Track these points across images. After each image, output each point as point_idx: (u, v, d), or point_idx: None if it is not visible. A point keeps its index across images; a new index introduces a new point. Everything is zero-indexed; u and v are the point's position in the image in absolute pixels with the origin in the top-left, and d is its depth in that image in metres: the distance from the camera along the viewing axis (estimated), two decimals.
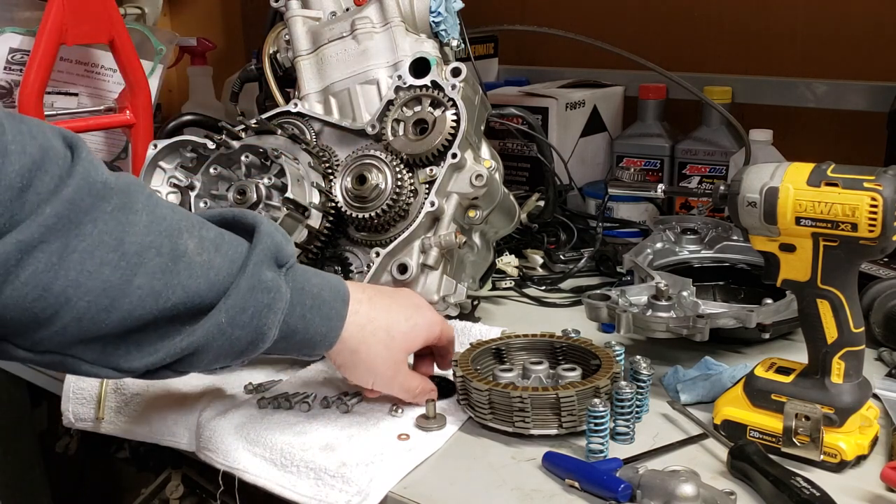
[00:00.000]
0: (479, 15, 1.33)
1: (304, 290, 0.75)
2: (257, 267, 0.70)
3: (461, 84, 0.97)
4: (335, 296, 0.79)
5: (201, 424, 0.88)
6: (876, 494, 0.74)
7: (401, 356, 0.85)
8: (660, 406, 0.90)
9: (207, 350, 0.69)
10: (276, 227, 0.75)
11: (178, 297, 0.66)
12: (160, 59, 1.47)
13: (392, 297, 0.86)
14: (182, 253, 0.67)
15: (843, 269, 0.76)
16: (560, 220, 1.39)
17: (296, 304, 0.74)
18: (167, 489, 1.27)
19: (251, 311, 0.70)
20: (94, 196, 0.63)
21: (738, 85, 1.53)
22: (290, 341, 0.76)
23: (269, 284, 0.71)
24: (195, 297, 0.67)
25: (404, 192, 0.96)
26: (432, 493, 0.77)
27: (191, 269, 0.67)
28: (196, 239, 0.69)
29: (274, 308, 0.71)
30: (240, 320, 0.69)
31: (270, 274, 0.71)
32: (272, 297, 0.71)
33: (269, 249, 0.72)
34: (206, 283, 0.68)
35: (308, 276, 0.77)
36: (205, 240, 0.69)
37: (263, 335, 0.71)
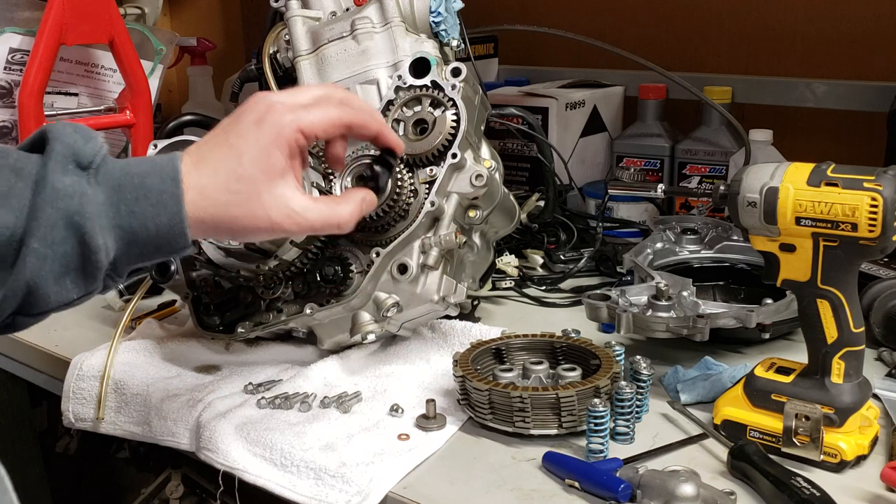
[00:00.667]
0: (479, 15, 1.33)
1: (122, 186, 0.67)
2: (51, 177, 0.64)
3: (461, 84, 0.97)
4: (162, 177, 0.68)
5: (201, 424, 0.88)
6: (876, 494, 0.74)
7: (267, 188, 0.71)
8: (660, 406, 0.90)
9: (43, 281, 0.64)
10: (73, 128, 0.67)
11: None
12: (160, 59, 1.47)
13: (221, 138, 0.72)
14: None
15: (843, 269, 0.76)
16: (560, 220, 1.39)
17: (118, 202, 0.66)
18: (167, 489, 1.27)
19: (61, 223, 0.64)
20: None
21: (738, 85, 1.53)
22: (136, 243, 0.67)
23: (69, 190, 0.64)
24: (5, 231, 0.63)
25: (404, 192, 0.96)
26: (432, 493, 0.77)
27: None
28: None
29: (85, 213, 0.64)
30: (54, 237, 0.64)
31: (69, 179, 0.65)
32: (79, 202, 0.64)
33: (62, 154, 0.65)
34: (10, 213, 0.63)
35: (129, 168, 0.68)
36: (4, 168, 0.65)
37: (92, 245, 0.64)
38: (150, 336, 1.08)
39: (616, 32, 1.62)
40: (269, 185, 0.71)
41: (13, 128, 1.36)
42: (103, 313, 1.20)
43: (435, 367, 1.00)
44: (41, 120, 1.26)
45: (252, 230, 0.72)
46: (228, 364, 1.03)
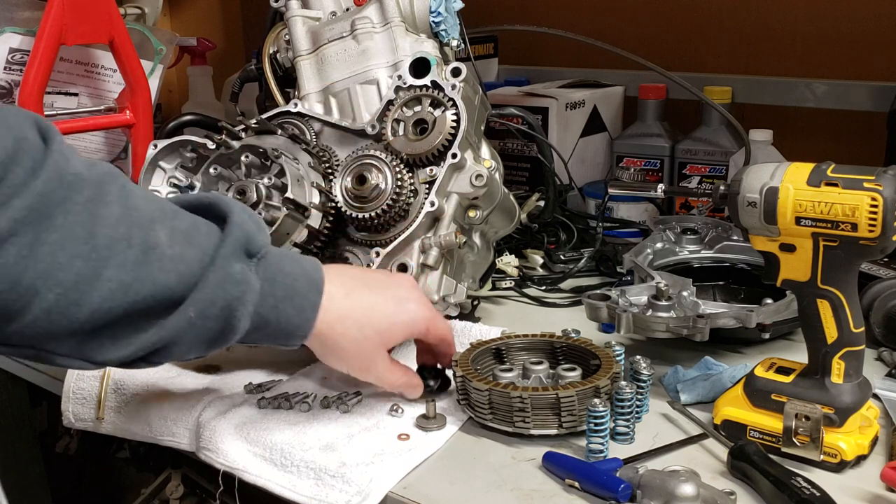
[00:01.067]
0: (479, 15, 1.33)
1: (276, 281, 0.74)
2: (226, 260, 0.69)
3: (461, 84, 0.97)
4: (309, 286, 0.77)
5: (201, 424, 0.88)
6: (876, 494, 0.74)
7: (374, 352, 0.84)
8: (660, 406, 0.90)
9: (179, 342, 0.69)
10: (249, 215, 0.74)
11: (147, 290, 0.66)
12: (160, 59, 1.47)
13: (375, 291, 0.84)
14: (153, 245, 0.66)
15: (843, 269, 0.76)
16: (560, 220, 1.39)
17: (267, 294, 0.73)
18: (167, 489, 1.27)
19: (220, 304, 0.69)
20: (66, 188, 0.63)
21: (738, 85, 1.53)
22: (263, 331, 0.75)
23: (238, 277, 0.70)
24: (165, 291, 0.67)
25: (404, 192, 0.96)
26: (432, 493, 0.77)
27: (161, 262, 0.66)
28: (168, 230, 0.68)
29: (244, 300, 0.70)
30: (209, 313, 0.69)
31: (239, 266, 0.70)
32: (241, 290, 0.70)
33: (238, 240, 0.71)
34: (176, 277, 0.67)
35: (283, 264, 0.75)
36: (176, 230, 0.69)
37: (234, 327, 0.71)
38: None
39: (616, 32, 1.62)
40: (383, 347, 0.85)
41: None
42: None
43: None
44: None
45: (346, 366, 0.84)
46: (228, 364, 1.03)
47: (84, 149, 1.44)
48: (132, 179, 1.40)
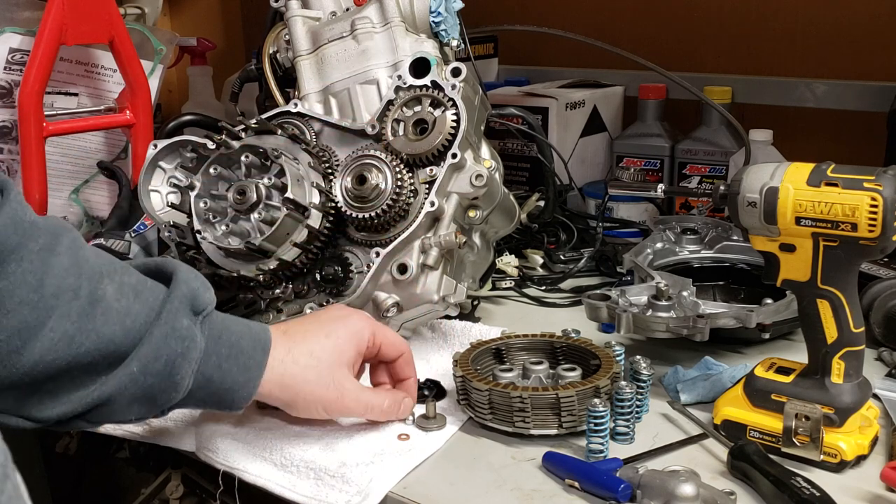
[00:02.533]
0: (479, 15, 1.33)
1: (220, 339, 0.73)
2: (172, 314, 0.69)
3: (461, 84, 0.96)
4: (255, 344, 0.76)
5: (201, 424, 0.88)
6: (876, 494, 0.74)
7: (335, 374, 0.80)
8: (660, 406, 0.90)
9: (119, 400, 0.68)
10: (195, 274, 0.74)
11: (91, 343, 0.65)
12: (160, 59, 1.47)
13: (308, 322, 0.83)
14: (100, 298, 0.66)
15: (843, 269, 0.76)
16: (560, 220, 1.39)
17: (211, 352, 0.72)
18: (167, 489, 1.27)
19: (164, 359, 0.68)
20: (21, 235, 0.63)
21: (738, 85, 1.53)
22: (206, 391, 0.73)
23: (183, 332, 0.69)
24: (110, 345, 0.66)
25: (404, 192, 0.96)
26: (432, 493, 0.77)
27: (107, 315, 0.66)
28: (116, 284, 0.68)
29: (188, 357, 0.69)
30: (152, 369, 0.68)
31: (186, 321, 0.70)
32: (186, 345, 0.69)
33: (185, 296, 0.70)
34: (121, 330, 0.67)
35: (227, 324, 0.75)
36: (125, 286, 0.69)
37: (176, 384, 0.70)
38: None
39: (616, 32, 1.62)
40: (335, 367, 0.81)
41: (13, 128, 1.36)
42: None
43: (435, 367, 1.00)
44: (41, 120, 1.26)
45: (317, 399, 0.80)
46: None
47: (84, 149, 1.44)
48: (132, 179, 1.41)
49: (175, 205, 1.03)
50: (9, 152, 1.38)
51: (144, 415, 0.71)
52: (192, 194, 0.99)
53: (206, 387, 0.72)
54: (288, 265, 0.97)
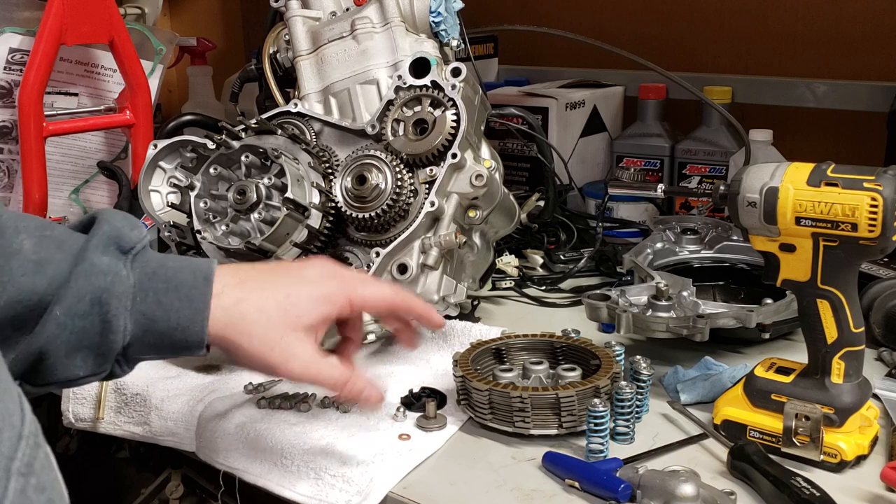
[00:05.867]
0: (479, 15, 1.33)
1: (156, 275, 0.69)
2: (90, 252, 0.67)
3: (461, 84, 0.97)
4: (195, 276, 0.70)
5: (201, 424, 0.88)
6: (876, 494, 0.74)
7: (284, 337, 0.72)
8: (660, 406, 0.90)
9: (55, 351, 0.65)
10: (122, 215, 0.71)
11: (10, 295, 0.64)
12: (160, 59, 1.47)
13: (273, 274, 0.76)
14: (15, 251, 0.65)
15: (843, 269, 0.76)
16: (560, 220, 1.39)
17: (147, 288, 0.68)
18: (167, 489, 1.27)
19: (88, 297, 0.65)
20: None
21: (738, 85, 1.53)
22: (153, 333, 0.68)
23: (104, 268, 0.66)
24: (31, 294, 0.65)
25: (404, 192, 0.96)
26: (432, 493, 0.77)
27: (24, 267, 0.65)
28: (35, 239, 0.66)
29: (114, 292, 0.66)
30: (78, 310, 0.65)
31: (107, 259, 0.67)
32: (109, 280, 0.66)
33: (106, 235, 0.68)
34: (42, 279, 0.65)
35: (165, 261, 0.71)
36: (46, 238, 0.67)
37: (111, 324, 0.66)
38: None
39: (616, 32, 1.62)
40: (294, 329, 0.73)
41: (13, 128, 1.36)
42: None
43: (435, 367, 1.00)
44: (41, 120, 1.26)
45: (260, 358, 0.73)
46: (228, 364, 1.03)
47: (84, 149, 1.44)
48: (132, 179, 1.40)
49: (175, 205, 1.03)
50: (9, 152, 1.38)
51: (94, 368, 0.68)
52: (192, 194, 0.99)
53: (150, 328, 0.68)
54: None
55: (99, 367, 0.68)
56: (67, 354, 0.66)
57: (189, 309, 0.69)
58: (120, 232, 0.69)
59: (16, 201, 1.38)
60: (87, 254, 0.67)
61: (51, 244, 0.67)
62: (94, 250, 0.67)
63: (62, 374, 0.67)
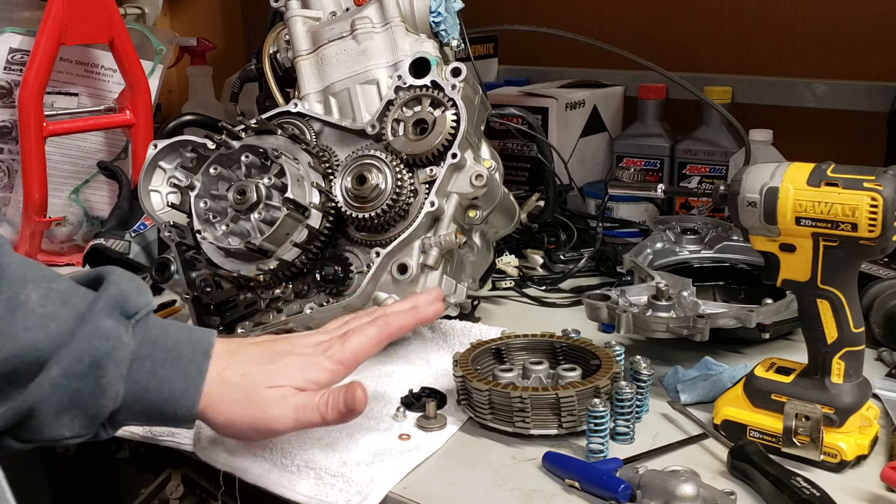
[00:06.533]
0: (479, 15, 1.33)
1: (156, 344, 0.69)
2: (96, 315, 0.66)
3: (461, 84, 0.96)
4: (194, 348, 0.71)
5: (201, 424, 0.88)
6: (876, 494, 0.74)
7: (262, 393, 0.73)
8: (660, 406, 0.90)
9: (45, 409, 0.65)
10: (130, 277, 0.71)
11: (10, 349, 0.63)
12: (160, 59, 1.47)
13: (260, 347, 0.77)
14: (21, 303, 0.64)
15: (843, 269, 0.76)
16: (560, 220, 1.39)
17: (145, 356, 0.68)
18: (167, 489, 1.27)
19: (88, 360, 0.65)
20: None
21: (738, 85, 1.53)
22: (144, 402, 0.69)
23: (107, 332, 0.66)
24: (32, 351, 0.64)
25: (404, 192, 0.96)
26: (432, 493, 0.77)
27: (28, 321, 0.64)
28: (42, 291, 0.66)
29: (113, 357, 0.66)
30: (75, 371, 0.65)
31: (111, 322, 0.67)
32: (111, 345, 0.66)
33: (113, 298, 0.68)
34: (44, 336, 0.64)
35: (166, 329, 0.71)
36: (52, 292, 0.67)
37: (104, 389, 0.66)
38: None
39: (616, 32, 1.62)
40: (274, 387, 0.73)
41: (13, 128, 1.36)
42: None
43: (435, 367, 1.00)
44: (41, 120, 1.26)
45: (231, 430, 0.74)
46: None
47: (84, 149, 1.44)
48: (132, 179, 1.41)
49: (175, 205, 1.03)
50: (9, 152, 1.38)
51: (80, 430, 0.68)
52: (192, 194, 0.99)
53: (142, 397, 0.69)
54: (288, 265, 0.97)
55: (85, 430, 0.68)
56: (57, 414, 0.66)
57: (184, 382, 0.70)
58: (127, 296, 0.69)
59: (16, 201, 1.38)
60: (93, 316, 0.66)
61: (57, 299, 0.67)
62: (99, 313, 0.67)
63: (48, 433, 0.66)
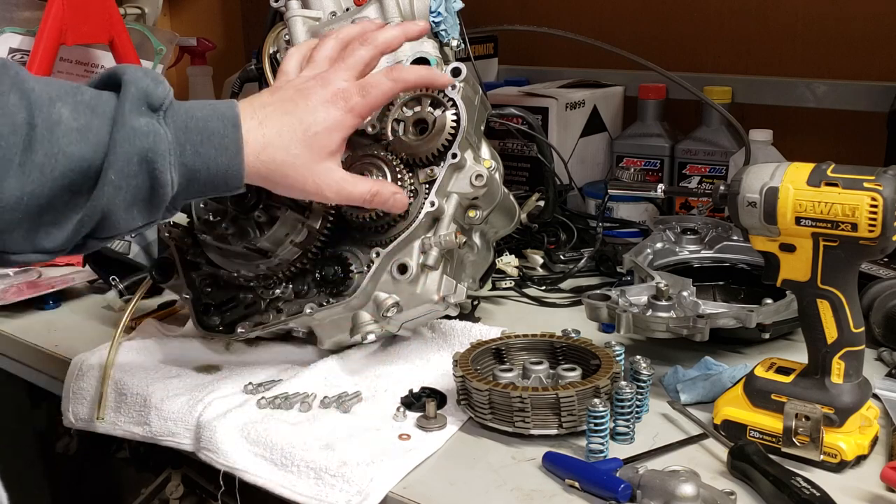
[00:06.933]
0: (479, 15, 1.33)
1: (188, 128, 0.74)
2: (127, 116, 0.70)
3: (461, 84, 0.96)
4: (225, 124, 0.76)
5: (201, 424, 0.88)
6: (876, 494, 0.74)
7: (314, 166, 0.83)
8: (660, 406, 0.90)
9: (116, 210, 0.70)
10: (144, 72, 0.74)
11: (63, 165, 0.68)
12: (160, 59, 1.47)
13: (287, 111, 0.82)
14: (56, 121, 0.68)
15: (843, 269, 0.76)
16: (560, 220, 1.39)
17: (184, 142, 0.73)
18: (167, 489, 1.27)
19: (136, 159, 0.70)
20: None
21: (738, 85, 1.53)
22: (199, 181, 0.75)
23: (144, 129, 0.70)
24: (82, 162, 0.68)
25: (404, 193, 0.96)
26: (432, 493, 0.77)
27: (69, 136, 0.68)
28: (71, 105, 0.69)
29: (158, 150, 0.71)
30: (129, 171, 0.70)
31: (144, 120, 0.71)
32: (151, 140, 0.70)
33: (135, 97, 0.71)
34: (89, 147, 0.69)
35: (193, 111, 0.75)
36: (80, 104, 0.70)
37: (161, 180, 0.71)
38: (150, 336, 1.08)
39: (616, 32, 1.62)
40: (321, 159, 0.83)
41: None
42: (103, 313, 1.20)
43: (435, 367, 1.00)
44: None
45: (298, 191, 0.83)
46: (228, 364, 1.03)
47: None
48: None
49: None
50: None
51: (149, 217, 0.74)
52: None
53: (193, 178, 0.74)
54: (288, 265, 0.97)
55: (154, 216, 0.74)
56: (126, 209, 0.71)
57: (225, 156, 0.75)
58: (147, 90, 0.72)
59: None
60: (125, 118, 0.70)
61: (85, 110, 0.70)
62: (129, 114, 0.70)
63: (124, 226, 0.72)
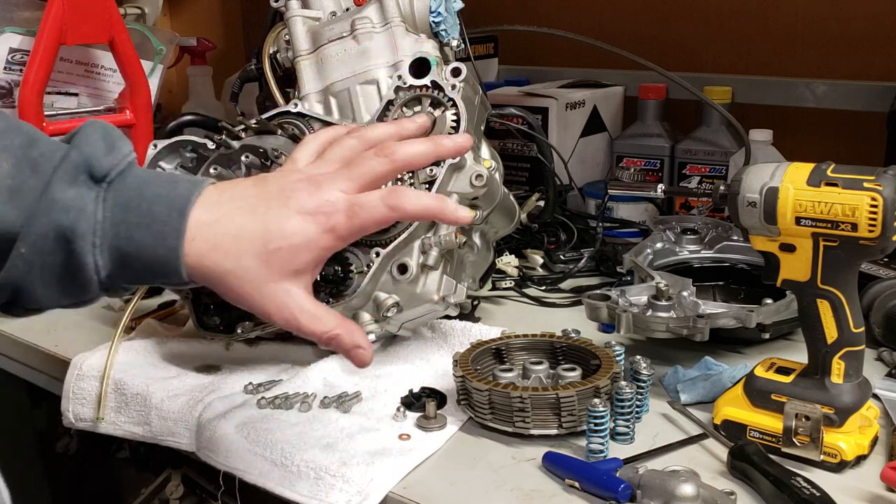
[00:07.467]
0: (479, 15, 1.33)
1: (129, 207, 0.63)
2: (55, 186, 0.61)
3: (461, 84, 0.96)
4: (170, 210, 0.63)
5: (201, 425, 0.88)
6: (876, 494, 0.74)
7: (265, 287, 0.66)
8: (660, 406, 0.90)
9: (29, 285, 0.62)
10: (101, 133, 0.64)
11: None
12: (160, 59, 1.47)
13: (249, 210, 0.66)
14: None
15: (843, 269, 0.76)
16: (560, 220, 1.39)
17: (119, 223, 0.62)
18: (167, 489, 1.27)
19: (52, 235, 0.61)
20: None
21: (738, 85, 1.53)
22: (136, 269, 0.64)
23: (67, 203, 0.61)
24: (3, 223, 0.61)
25: None
26: (432, 493, 0.77)
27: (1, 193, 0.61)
28: (15, 160, 0.62)
29: (77, 230, 0.61)
30: (44, 247, 0.61)
31: (73, 192, 0.62)
32: (72, 217, 0.61)
33: (74, 163, 0.62)
34: (13, 209, 0.61)
35: (144, 188, 0.64)
36: (25, 159, 0.62)
37: (81, 262, 0.62)
38: (150, 336, 1.08)
39: (616, 32, 1.62)
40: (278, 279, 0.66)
41: None
42: (103, 313, 1.20)
43: (435, 367, 1.00)
44: (41, 120, 1.26)
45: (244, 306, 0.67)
46: (228, 364, 1.03)
47: None
48: None
49: None
50: None
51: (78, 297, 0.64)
52: None
53: (129, 263, 0.63)
54: None
55: (83, 296, 0.64)
56: (45, 286, 0.63)
57: (163, 248, 0.63)
58: (92, 157, 0.63)
59: None
60: (52, 187, 0.61)
61: (27, 168, 0.62)
62: (58, 183, 0.61)
63: (45, 303, 0.64)
